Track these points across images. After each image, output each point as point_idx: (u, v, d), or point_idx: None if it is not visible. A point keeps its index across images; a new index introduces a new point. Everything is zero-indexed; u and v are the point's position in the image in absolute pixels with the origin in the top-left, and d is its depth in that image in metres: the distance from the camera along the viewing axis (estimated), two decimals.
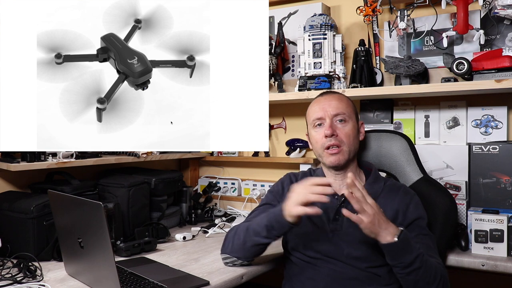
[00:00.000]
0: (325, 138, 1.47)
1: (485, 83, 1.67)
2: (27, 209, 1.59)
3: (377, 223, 1.25)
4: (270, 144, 2.44)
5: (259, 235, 1.40)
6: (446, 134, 1.93)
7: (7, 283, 1.33)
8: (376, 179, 1.53)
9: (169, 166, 2.51)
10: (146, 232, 1.83)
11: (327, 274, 1.43)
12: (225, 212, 2.39)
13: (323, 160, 1.51)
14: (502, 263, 1.51)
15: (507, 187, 1.71)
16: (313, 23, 2.02)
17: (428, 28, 1.95)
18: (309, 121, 1.55)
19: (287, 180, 1.61)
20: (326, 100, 1.53)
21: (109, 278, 1.21)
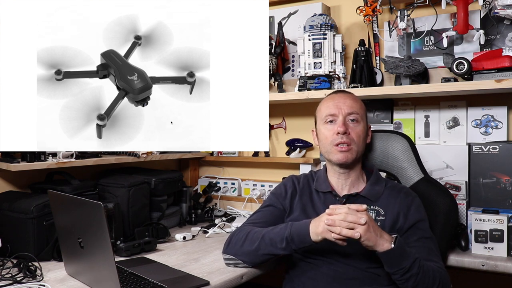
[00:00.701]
0: (336, 135, 1.45)
1: (485, 83, 1.67)
2: (27, 209, 1.59)
3: (372, 230, 1.26)
4: (270, 144, 2.44)
5: (275, 246, 1.38)
6: (446, 134, 1.93)
7: (7, 283, 1.33)
8: (377, 181, 1.53)
9: (169, 166, 2.52)
10: (146, 232, 1.82)
11: (328, 274, 1.43)
12: (225, 212, 2.39)
13: (330, 156, 1.49)
14: (502, 263, 1.51)
15: (507, 187, 1.71)
16: (313, 23, 2.02)
17: (428, 28, 1.95)
18: (321, 116, 1.53)
19: (290, 183, 1.60)
20: (341, 98, 1.51)
21: (109, 278, 1.21)
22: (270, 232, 1.41)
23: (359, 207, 1.28)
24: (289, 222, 1.40)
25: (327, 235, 1.28)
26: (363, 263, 1.41)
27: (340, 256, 1.42)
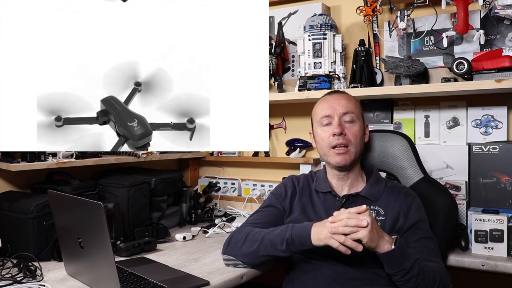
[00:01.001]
0: (333, 137, 1.45)
1: (485, 83, 1.67)
2: (27, 209, 1.59)
3: (375, 231, 1.25)
4: (270, 144, 2.44)
5: (275, 248, 1.38)
6: (446, 134, 1.93)
7: (7, 283, 1.33)
8: (377, 181, 1.52)
9: (169, 166, 2.52)
10: (146, 232, 1.82)
11: (328, 274, 1.43)
12: (225, 212, 2.39)
13: (328, 159, 1.49)
14: (502, 263, 1.51)
15: (507, 187, 1.71)
16: (313, 23, 2.02)
17: (428, 28, 1.95)
18: (316, 119, 1.53)
19: (289, 183, 1.60)
20: (335, 98, 1.51)
21: (109, 278, 1.21)
22: (270, 234, 1.41)
23: (359, 209, 1.27)
24: (290, 224, 1.40)
25: (330, 242, 1.27)
26: (364, 263, 1.40)
27: (340, 257, 1.42)
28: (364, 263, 1.40)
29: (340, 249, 1.26)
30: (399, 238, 1.30)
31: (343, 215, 1.27)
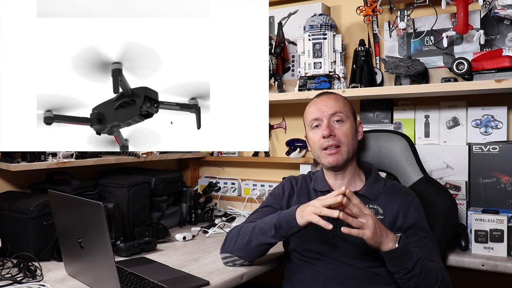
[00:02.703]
0: (323, 139, 1.46)
1: (485, 83, 1.67)
2: (27, 209, 1.59)
3: (378, 232, 1.26)
4: (270, 144, 2.44)
5: (265, 235, 1.40)
6: (446, 134, 1.93)
7: (7, 283, 1.33)
8: (376, 180, 1.53)
9: (169, 166, 2.51)
10: (146, 232, 1.83)
11: (327, 274, 1.43)
12: (225, 212, 2.39)
13: (321, 161, 1.51)
14: (502, 263, 1.51)
15: (507, 187, 1.71)
16: (313, 23, 2.02)
17: (428, 28, 1.95)
18: (307, 122, 1.55)
19: (287, 184, 1.61)
20: (322, 100, 1.53)
21: (109, 278, 1.21)
22: (260, 223, 1.44)
23: (340, 191, 1.26)
24: (278, 211, 1.43)
25: (311, 217, 1.28)
26: (363, 262, 1.41)
27: (339, 256, 1.43)
28: (363, 262, 1.41)
29: (320, 223, 1.26)
30: (403, 236, 1.29)
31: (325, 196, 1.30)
